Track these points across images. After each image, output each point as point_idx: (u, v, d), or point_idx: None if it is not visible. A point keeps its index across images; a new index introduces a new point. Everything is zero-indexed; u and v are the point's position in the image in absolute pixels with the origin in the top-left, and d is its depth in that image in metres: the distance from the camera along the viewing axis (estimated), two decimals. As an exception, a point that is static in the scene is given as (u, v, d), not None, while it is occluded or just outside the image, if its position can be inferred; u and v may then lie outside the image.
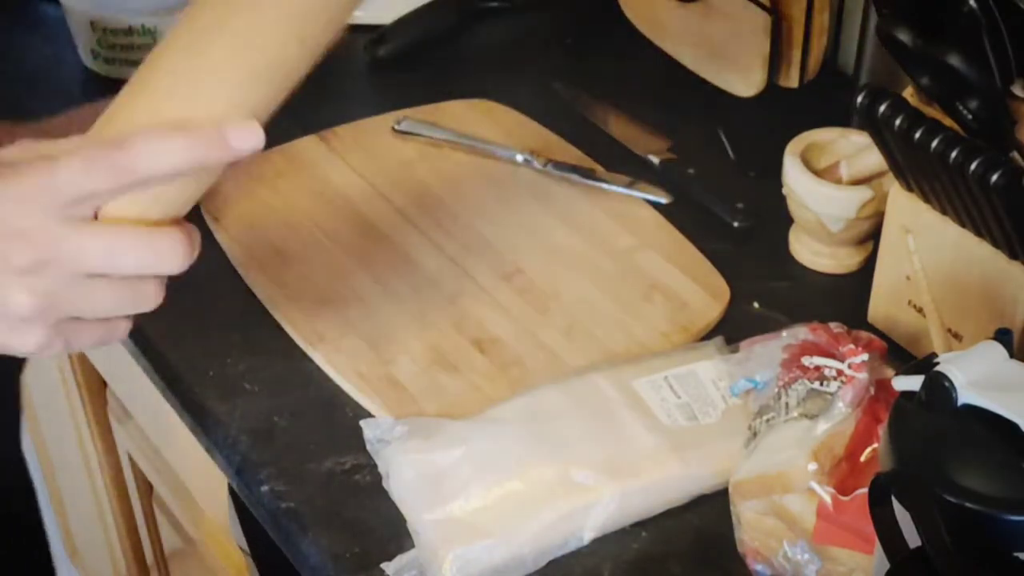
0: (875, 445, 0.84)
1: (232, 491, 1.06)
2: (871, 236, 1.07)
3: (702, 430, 0.93)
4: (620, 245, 1.10)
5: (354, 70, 1.32)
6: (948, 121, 0.90)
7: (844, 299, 1.06)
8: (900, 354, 1.00)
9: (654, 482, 0.90)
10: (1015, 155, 0.88)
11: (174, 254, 0.74)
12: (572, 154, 1.19)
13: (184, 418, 1.00)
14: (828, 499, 0.83)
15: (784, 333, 0.93)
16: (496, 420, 0.93)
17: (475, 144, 1.20)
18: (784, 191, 1.07)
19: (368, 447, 0.93)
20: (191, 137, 0.71)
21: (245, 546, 1.11)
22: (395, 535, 0.89)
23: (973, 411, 0.72)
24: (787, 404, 0.87)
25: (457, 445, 0.90)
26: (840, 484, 0.83)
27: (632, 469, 0.90)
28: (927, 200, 0.95)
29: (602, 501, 0.88)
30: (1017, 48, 0.85)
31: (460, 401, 0.96)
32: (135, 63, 1.25)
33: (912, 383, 0.75)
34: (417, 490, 0.89)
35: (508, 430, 0.92)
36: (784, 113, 1.16)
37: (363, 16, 1.34)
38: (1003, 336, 0.76)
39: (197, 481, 1.22)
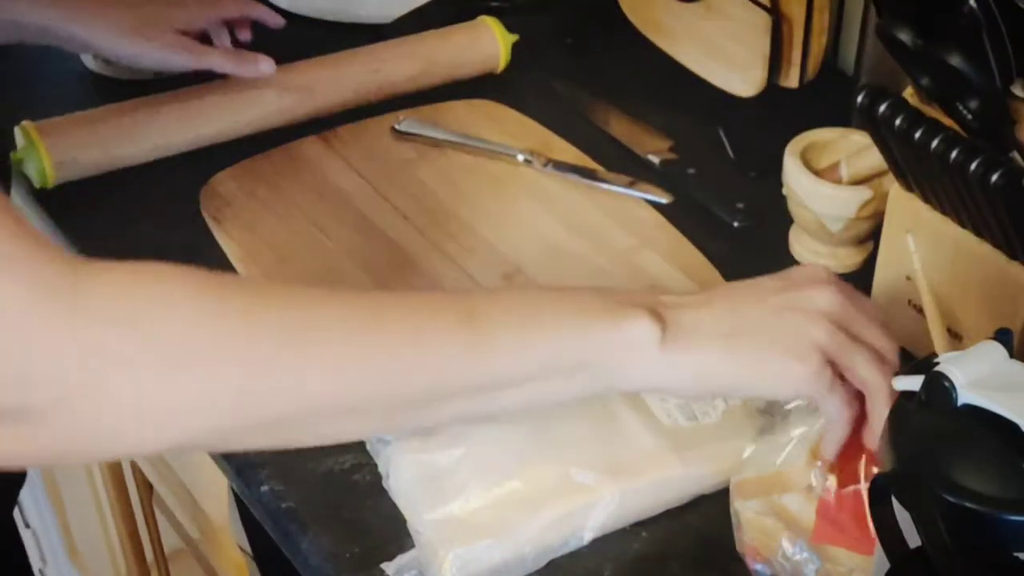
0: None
1: (232, 491, 1.06)
2: (871, 236, 1.07)
3: (702, 430, 0.93)
4: (620, 245, 1.10)
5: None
6: (948, 121, 0.90)
7: (844, 299, 1.06)
8: (900, 354, 1.00)
9: (654, 482, 0.90)
10: (1015, 155, 0.88)
11: None
12: (572, 154, 1.19)
13: (184, 418, 1.00)
14: (827, 498, 0.83)
15: None
16: (496, 420, 0.93)
17: (475, 144, 1.20)
18: (784, 191, 1.07)
19: (368, 447, 0.93)
20: None
21: (245, 546, 1.11)
22: (395, 535, 0.89)
23: (973, 411, 0.72)
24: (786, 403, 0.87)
25: (457, 445, 0.90)
26: (839, 483, 0.83)
27: (632, 469, 0.90)
28: (927, 200, 0.95)
29: (602, 501, 0.88)
30: (1017, 48, 0.85)
31: (460, 401, 0.96)
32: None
33: (912, 383, 0.75)
34: (417, 490, 0.89)
35: (508, 430, 0.92)
36: (784, 113, 1.16)
37: (363, 15, 1.34)
38: (1003, 336, 0.76)
39: (197, 481, 1.22)
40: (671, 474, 0.90)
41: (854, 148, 1.07)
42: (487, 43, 1.27)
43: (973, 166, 0.86)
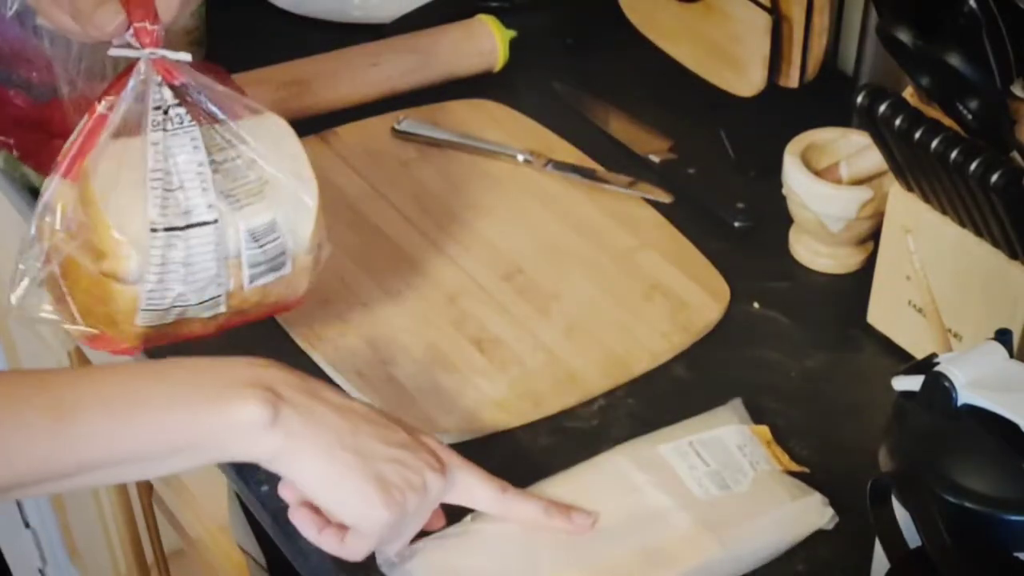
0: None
1: (232, 491, 1.06)
2: (871, 236, 1.07)
3: (736, 500, 0.88)
4: (620, 245, 1.10)
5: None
6: (948, 121, 0.90)
7: (844, 299, 1.06)
8: (900, 354, 1.00)
9: (694, 568, 0.85)
10: (1015, 155, 0.88)
11: None
12: (572, 154, 1.19)
13: (184, 418, 1.00)
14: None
15: None
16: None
17: (475, 144, 1.20)
18: (784, 191, 1.07)
19: (378, 559, 0.91)
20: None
21: (246, 546, 1.11)
22: (395, 535, 0.89)
23: (973, 411, 0.73)
24: None
25: (483, 550, 0.86)
26: None
27: (670, 556, 0.85)
28: (927, 200, 0.95)
29: None
30: (1017, 48, 0.85)
31: (460, 401, 0.96)
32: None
33: (912, 383, 0.75)
34: None
35: (534, 535, 0.86)
36: (784, 113, 1.16)
37: (363, 15, 1.34)
38: (1003, 336, 0.76)
39: (197, 481, 1.22)
40: (711, 558, 0.86)
41: (854, 148, 1.07)
42: (485, 38, 1.27)
43: (973, 166, 0.86)
